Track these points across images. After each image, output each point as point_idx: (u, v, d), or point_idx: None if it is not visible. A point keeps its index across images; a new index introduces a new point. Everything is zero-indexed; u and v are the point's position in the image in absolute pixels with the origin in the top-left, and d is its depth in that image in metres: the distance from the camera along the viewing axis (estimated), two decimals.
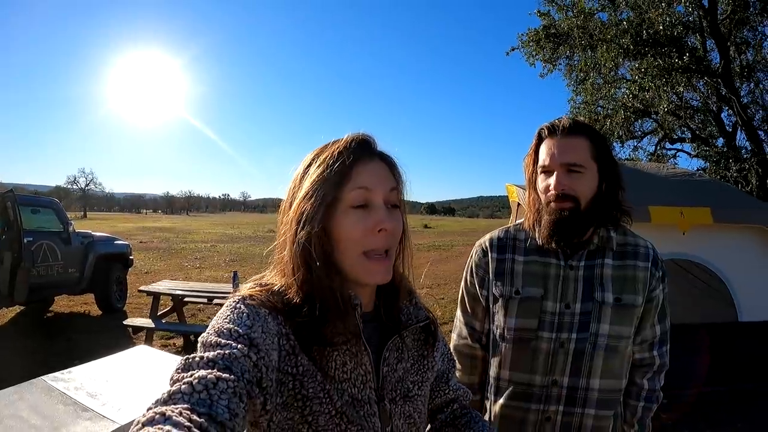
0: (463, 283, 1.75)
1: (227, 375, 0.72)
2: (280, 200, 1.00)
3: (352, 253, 0.91)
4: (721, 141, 12.73)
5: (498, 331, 1.60)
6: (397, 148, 0.99)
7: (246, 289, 0.93)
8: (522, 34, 13.08)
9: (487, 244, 1.67)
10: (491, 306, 1.64)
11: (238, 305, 0.88)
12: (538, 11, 12.61)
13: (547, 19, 12.60)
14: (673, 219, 4.77)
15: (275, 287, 0.92)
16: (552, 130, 1.52)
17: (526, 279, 1.56)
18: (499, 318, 1.60)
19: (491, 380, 1.63)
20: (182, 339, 6.75)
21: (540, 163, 1.52)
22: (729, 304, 5.01)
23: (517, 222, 1.69)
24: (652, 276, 1.54)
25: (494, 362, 1.62)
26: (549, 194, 1.49)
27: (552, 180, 1.48)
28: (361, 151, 0.94)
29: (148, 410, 0.63)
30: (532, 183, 1.58)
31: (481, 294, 1.67)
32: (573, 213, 1.46)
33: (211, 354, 0.75)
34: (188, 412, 0.63)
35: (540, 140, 1.55)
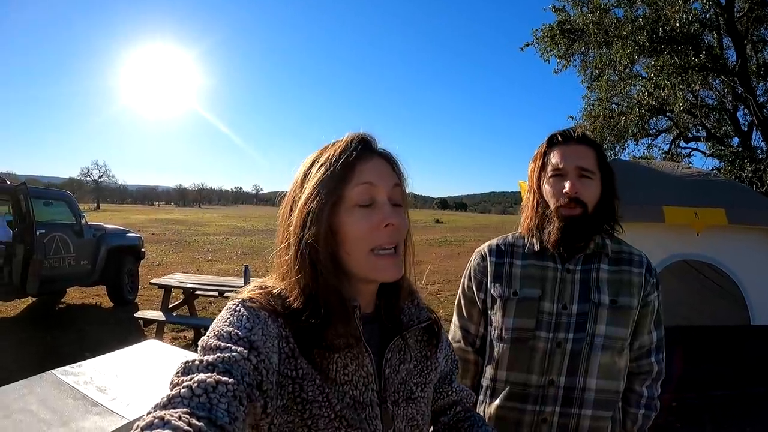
0: (460, 287, 1.79)
1: (227, 378, 0.72)
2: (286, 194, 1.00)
3: (360, 251, 0.90)
4: (736, 140, 12.60)
5: (496, 332, 1.63)
6: (397, 146, 0.99)
7: (246, 291, 0.93)
8: (537, 30, 12.98)
9: (486, 250, 1.71)
10: (489, 308, 1.67)
11: (237, 308, 0.88)
12: (553, 7, 12.51)
13: (562, 15, 12.49)
14: (688, 219, 4.73)
15: (276, 290, 0.92)
16: (567, 137, 1.59)
17: (524, 281, 1.60)
18: (497, 319, 1.62)
19: (487, 382, 1.65)
20: (193, 332, 6.77)
21: (552, 165, 1.57)
22: (742, 307, 4.96)
23: (515, 232, 1.73)
24: (647, 282, 1.59)
25: (491, 364, 1.64)
26: (561, 198, 1.53)
27: (566, 183, 1.52)
28: (362, 149, 0.94)
29: (147, 414, 0.63)
30: (538, 187, 1.62)
31: (478, 297, 1.70)
32: (581, 218, 1.52)
33: (210, 357, 0.75)
34: (188, 416, 0.63)
35: (551, 146, 1.61)
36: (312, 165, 0.94)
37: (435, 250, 20.21)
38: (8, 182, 7.45)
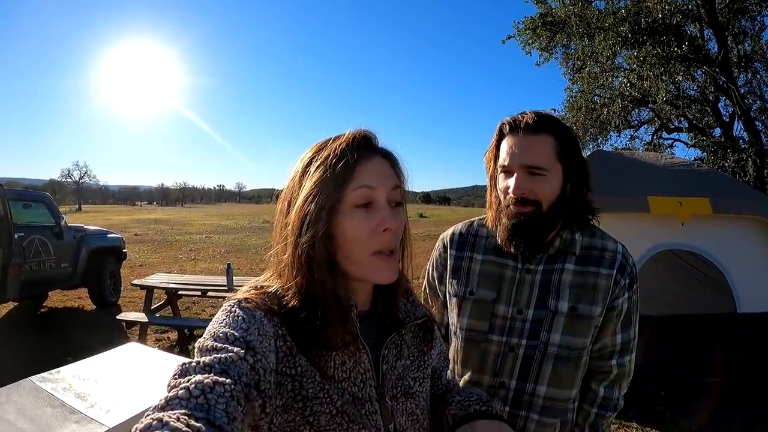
0: (426, 276, 1.73)
1: (224, 379, 0.71)
2: (274, 191, 0.99)
3: (359, 254, 0.90)
4: (718, 131, 12.74)
5: (452, 328, 1.59)
6: (399, 145, 0.97)
7: (241, 292, 0.92)
8: (518, 22, 13.04)
9: (448, 240, 1.63)
10: (448, 302, 1.62)
11: (233, 309, 0.87)
12: None
13: (544, 7, 12.56)
14: (673, 209, 4.75)
15: (272, 289, 0.91)
16: (514, 127, 1.41)
17: (480, 280, 1.52)
18: (453, 316, 1.58)
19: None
20: (176, 333, 6.68)
21: (500, 162, 1.43)
22: (728, 296, 5.00)
23: (482, 216, 1.62)
24: (616, 284, 1.45)
25: (449, 356, 1.59)
26: (508, 197, 1.40)
27: (511, 182, 1.39)
28: (363, 149, 0.92)
29: (145, 417, 0.63)
30: (493, 180, 1.50)
31: (439, 289, 1.66)
32: (533, 217, 1.38)
33: (207, 359, 0.75)
34: (186, 417, 0.63)
35: (501, 136, 1.45)
36: (311, 163, 0.92)
37: (419, 245, 20.12)
38: None
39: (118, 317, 6.54)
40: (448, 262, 1.60)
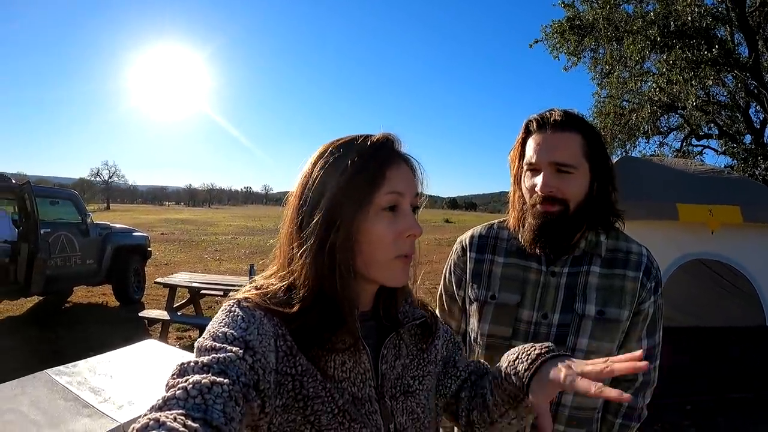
0: (442, 280, 1.67)
1: (222, 379, 0.71)
2: None
3: (382, 257, 0.91)
4: (748, 138, 12.47)
5: (472, 334, 1.53)
6: (424, 149, 0.96)
7: (241, 292, 0.92)
8: (546, 26, 12.92)
9: (467, 242, 1.58)
10: (467, 307, 1.56)
11: (233, 308, 0.87)
12: (563, 2, 12.44)
13: (572, 11, 12.42)
14: (702, 217, 4.62)
15: (274, 289, 0.91)
16: (542, 124, 1.38)
17: (503, 283, 1.46)
18: (473, 322, 1.52)
19: None
20: (198, 331, 6.72)
21: (526, 159, 1.39)
22: (758, 308, 4.86)
23: (502, 219, 1.58)
24: (643, 287, 1.41)
25: None
26: (535, 195, 1.36)
27: (538, 180, 1.35)
28: (392, 153, 0.93)
29: (143, 417, 0.62)
30: (518, 180, 1.46)
31: (457, 294, 1.59)
32: (560, 217, 1.35)
33: (205, 358, 0.75)
34: (183, 418, 0.63)
35: (528, 133, 1.42)
36: (335, 162, 0.90)
37: (444, 250, 20.14)
38: (14, 181, 7.44)
39: (140, 314, 6.60)
40: (468, 265, 1.54)
